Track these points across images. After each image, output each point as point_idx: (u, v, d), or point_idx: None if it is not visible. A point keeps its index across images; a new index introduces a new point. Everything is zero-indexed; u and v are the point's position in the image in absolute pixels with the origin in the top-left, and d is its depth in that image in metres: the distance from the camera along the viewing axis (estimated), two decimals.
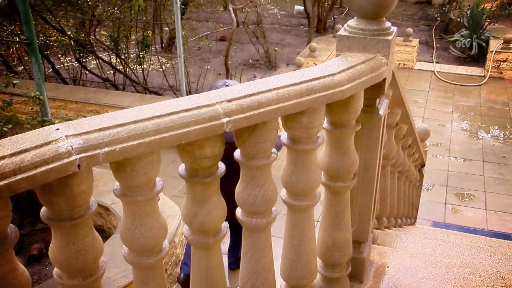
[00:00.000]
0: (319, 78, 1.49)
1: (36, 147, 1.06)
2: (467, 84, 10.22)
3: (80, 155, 1.09)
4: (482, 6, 11.59)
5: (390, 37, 1.75)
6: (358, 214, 2.11)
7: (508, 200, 6.41)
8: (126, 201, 1.32)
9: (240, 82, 8.89)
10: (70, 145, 1.08)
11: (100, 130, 1.14)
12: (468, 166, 7.27)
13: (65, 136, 1.10)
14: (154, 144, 1.21)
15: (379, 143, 1.95)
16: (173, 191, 5.65)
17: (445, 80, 10.41)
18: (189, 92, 8.31)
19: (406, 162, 3.64)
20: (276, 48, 11.63)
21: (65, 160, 1.07)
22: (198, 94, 1.37)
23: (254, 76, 6.54)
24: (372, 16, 1.73)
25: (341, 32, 1.79)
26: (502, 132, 8.33)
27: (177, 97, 7.91)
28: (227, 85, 4.09)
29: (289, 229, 1.76)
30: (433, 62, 11.31)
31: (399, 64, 10.96)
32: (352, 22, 1.79)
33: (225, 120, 1.30)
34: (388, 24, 1.79)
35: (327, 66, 1.58)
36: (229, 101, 1.32)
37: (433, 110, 9.14)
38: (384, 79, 1.81)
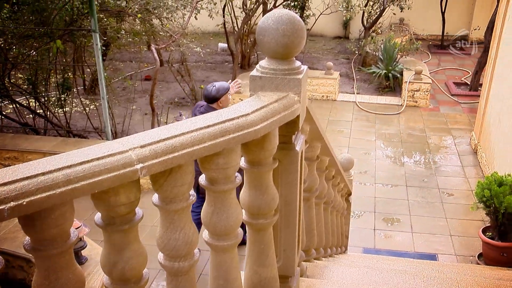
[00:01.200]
0: (232, 119, 1.52)
1: None
2: (387, 113, 10.73)
3: None
4: (394, 41, 12.35)
5: (300, 76, 1.82)
6: (283, 249, 2.13)
7: (431, 221, 6.71)
8: (38, 255, 1.27)
9: (166, 121, 8.85)
10: None
11: (4, 184, 1.10)
12: (394, 191, 7.56)
13: None
14: (65, 195, 1.18)
15: (298, 178, 2.00)
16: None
17: (367, 110, 10.89)
18: (115, 134, 8.15)
19: (331, 193, 3.74)
20: (201, 86, 11.69)
21: None
22: (110, 141, 1.36)
23: (180, 115, 6.54)
24: (282, 57, 1.80)
25: (254, 72, 1.84)
26: (423, 157, 8.76)
27: (103, 139, 7.75)
28: (214, 86, 4.66)
29: (213, 270, 1.75)
30: (354, 93, 11.80)
31: (322, 96, 11.34)
32: (263, 62, 1.85)
33: (139, 166, 1.29)
34: (298, 63, 1.86)
35: (241, 106, 1.62)
36: (142, 146, 1.31)
37: (358, 139, 9.49)
38: (298, 116, 1.87)
